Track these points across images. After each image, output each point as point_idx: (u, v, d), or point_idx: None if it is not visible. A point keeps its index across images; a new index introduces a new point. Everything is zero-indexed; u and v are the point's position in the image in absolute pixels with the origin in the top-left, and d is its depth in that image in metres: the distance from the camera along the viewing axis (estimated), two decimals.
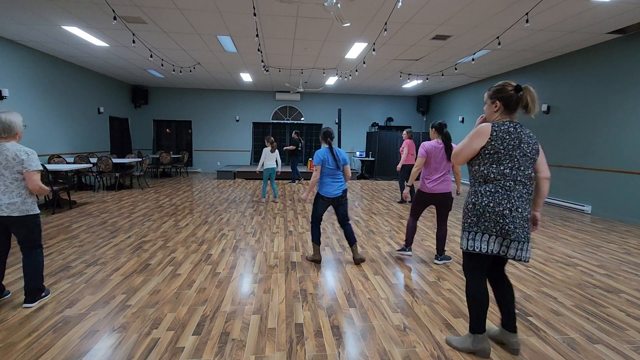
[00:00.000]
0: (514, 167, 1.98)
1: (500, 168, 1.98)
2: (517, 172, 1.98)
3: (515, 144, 1.97)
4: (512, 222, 1.95)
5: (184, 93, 13.07)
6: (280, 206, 6.91)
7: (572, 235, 5.07)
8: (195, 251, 4.07)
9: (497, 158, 1.98)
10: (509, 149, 1.96)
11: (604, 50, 6.44)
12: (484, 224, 2.01)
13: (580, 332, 2.46)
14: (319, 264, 3.72)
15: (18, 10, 5.43)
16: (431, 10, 5.14)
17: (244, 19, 5.62)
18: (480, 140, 2.00)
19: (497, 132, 1.97)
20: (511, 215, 1.95)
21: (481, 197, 2.02)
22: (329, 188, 3.58)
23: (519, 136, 1.98)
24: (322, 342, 2.28)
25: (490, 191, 2.00)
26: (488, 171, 2.01)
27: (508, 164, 1.98)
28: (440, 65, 8.51)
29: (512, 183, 1.98)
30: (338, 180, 3.63)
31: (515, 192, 1.97)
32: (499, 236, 1.98)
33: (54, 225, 5.09)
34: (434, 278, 3.41)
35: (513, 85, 2.01)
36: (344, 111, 13.41)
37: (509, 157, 1.97)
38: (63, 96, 8.68)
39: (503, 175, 1.98)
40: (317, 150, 3.60)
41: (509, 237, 1.96)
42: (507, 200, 1.96)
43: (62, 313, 2.58)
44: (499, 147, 1.96)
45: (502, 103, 2.04)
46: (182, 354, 2.12)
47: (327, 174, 3.59)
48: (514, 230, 1.95)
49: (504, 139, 1.96)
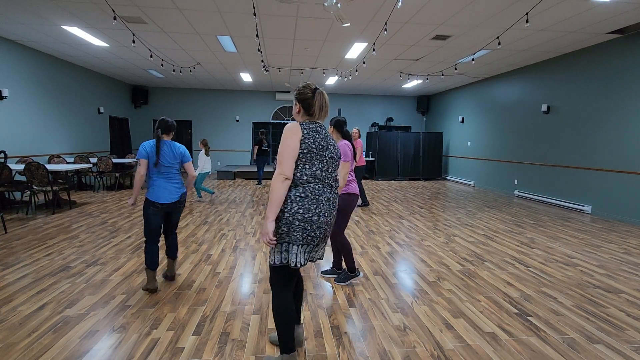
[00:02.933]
0: (323, 169, 1.87)
1: (312, 169, 1.85)
2: (326, 174, 1.88)
3: (323, 145, 1.87)
4: (318, 227, 1.83)
5: (184, 93, 13.07)
6: None
7: (572, 235, 5.08)
8: (195, 251, 4.07)
9: (310, 158, 1.85)
10: (319, 149, 1.86)
11: (604, 50, 6.44)
12: (292, 233, 1.81)
13: (580, 332, 2.46)
14: (318, 265, 3.72)
15: (18, 10, 5.43)
16: (431, 10, 5.14)
17: (244, 19, 5.62)
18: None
19: (308, 131, 1.85)
20: (319, 220, 1.83)
21: (290, 203, 1.82)
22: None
23: (325, 137, 1.90)
24: (322, 342, 2.28)
25: (300, 196, 1.82)
26: (301, 173, 1.85)
27: (319, 164, 1.86)
28: (440, 65, 8.51)
29: (321, 185, 1.86)
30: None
31: (324, 196, 1.86)
32: (304, 244, 1.83)
33: (54, 225, 5.09)
34: (434, 278, 3.41)
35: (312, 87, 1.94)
36: (344, 111, 13.41)
37: (319, 157, 1.86)
38: (63, 96, 8.68)
39: (314, 177, 1.85)
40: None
41: (312, 244, 1.85)
42: (316, 205, 1.83)
43: (62, 313, 2.58)
44: (312, 146, 1.84)
45: (301, 105, 1.95)
46: (182, 354, 2.12)
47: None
48: (318, 235, 1.85)
49: (315, 137, 1.86)
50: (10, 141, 7.00)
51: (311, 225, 1.81)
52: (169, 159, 2.93)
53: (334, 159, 1.92)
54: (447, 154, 12.46)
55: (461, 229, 5.37)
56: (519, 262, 3.89)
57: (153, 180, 2.93)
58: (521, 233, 5.16)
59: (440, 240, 4.70)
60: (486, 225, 5.63)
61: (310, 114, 1.94)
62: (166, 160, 2.92)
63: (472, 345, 2.27)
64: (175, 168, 3.00)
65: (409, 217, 6.08)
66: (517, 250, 4.35)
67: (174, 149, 2.98)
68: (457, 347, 2.25)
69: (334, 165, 1.94)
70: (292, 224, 1.79)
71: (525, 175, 8.45)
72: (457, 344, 2.29)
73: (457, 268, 3.68)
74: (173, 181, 2.98)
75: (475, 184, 10.59)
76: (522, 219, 6.09)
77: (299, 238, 1.81)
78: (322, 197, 1.85)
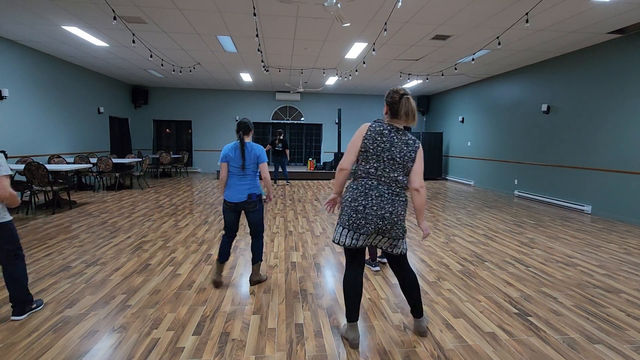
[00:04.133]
0: (379, 168, 2.09)
1: (366, 167, 2.12)
2: (382, 173, 2.10)
3: (385, 147, 2.08)
4: (363, 217, 2.07)
5: (184, 93, 13.07)
6: (280, 206, 6.91)
7: (572, 235, 5.08)
8: (195, 251, 4.07)
9: (365, 156, 2.11)
10: (377, 150, 2.08)
11: (604, 50, 6.44)
12: (342, 216, 2.16)
13: (580, 332, 2.46)
14: (319, 265, 3.72)
15: (18, 10, 5.43)
16: (431, 10, 5.14)
17: (244, 19, 5.62)
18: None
19: (371, 132, 2.10)
20: (364, 211, 2.07)
21: (345, 192, 2.22)
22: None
23: (391, 140, 2.09)
24: (322, 342, 2.28)
25: (352, 187, 2.16)
26: (358, 168, 2.17)
27: (374, 163, 2.10)
28: (440, 65, 8.51)
29: (374, 182, 2.10)
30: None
31: (375, 191, 2.09)
32: (351, 230, 2.11)
33: (54, 225, 5.09)
34: (434, 278, 3.41)
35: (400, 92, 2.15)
36: (344, 111, 13.41)
37: (376, 157, 2.09)
38: (63, 96, 8.68)
39: (368, 174, 2.12)
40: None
41: (358, 231, 2.09)
42: (363, 197, 2.09)
43: (62, 313, 2.58)
44: (369, 147, 2.08)
45: (388, 107, 2.17)
46: (182, 354, 2.12)
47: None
48: (364, 225, 2.07)
49: (374, 139, 2.08)
50: (10, 141, 7.00)
51: (357, 214, 2.07)
52: (247, 161, 2.99)
53: (394, 161, 2.08)
54: (447, 154, 12.46)
55: (461, 229, 5.37)
56: (519, 262, 3.89)
57: (228, 179, 3.06)
58: (521, 233, 5.16)
59: (440, 240, 4.70)
60: (486, 225, 5.63)
61: (395, 117, 2.14)
62: (247, 161, 2.99)
63: (472, 345, 2.28)
64: (251, 169, 3.02)
65: (409, 217, 6.08)
66: (517, 250, 4.35)
67: (253, 150, 3.01)
68: (457, 347, 2.25)
69: (394, 167, 2.09)
70: (343, 209, 2.16)
71: (525, 175, 8.45)
72: (457, 344, 2.29)
73: (457, 268, 3.68)
74: (245, 181, 3.02)
75: (475, 184, 10.59)
76: (522, 219, 6.09)
77: (346, 222, 2.12)
78: (372, 192, 2.08)
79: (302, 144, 14.11)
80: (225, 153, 2.99)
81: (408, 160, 2.09)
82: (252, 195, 3.02)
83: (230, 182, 3.04)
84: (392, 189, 2.09)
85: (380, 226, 2.08)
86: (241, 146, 2.95)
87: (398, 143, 2.08)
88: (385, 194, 2.08)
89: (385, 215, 2.07)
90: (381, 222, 2.07)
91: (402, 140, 2.09)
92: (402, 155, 2.07)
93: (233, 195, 3.00)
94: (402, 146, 2.08)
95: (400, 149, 2.07)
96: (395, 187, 2.10)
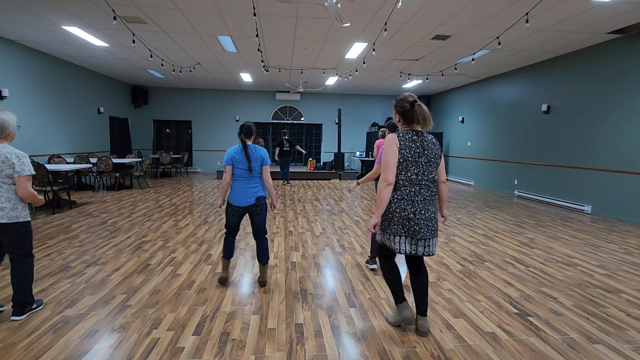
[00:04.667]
0: (419, 173, 2.18)
1: (407, 174, 2.18)
2: (422, 177, 2.19)
3: (419, 152, 2.18)
4: (416, 224, 2.16)
5: (184, 93, 13.07)
6: (280, 206, 6.91)
7: (572, 235, 5.08)
8: (195, 251, 4.07)
9: (405, 166, 2.18)
10: (415, 157, 2.18)
11: (604, 50, 6.44)
12: (393, 227, 2.21)
13: (580, 332, 2.46)
14: (319, 265, 3.72)
15: (18, 10, 5.43)
16: (431, 10, 5.14)
17: (244, 19, 5.62)
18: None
19: (403, 142, 2.18)
20: (415, 217, 2.16)
21: (390, 203, 2.22)
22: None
23: (422, 144, 2.20)
24: (322, 342, 2.28)
25: (397, 198, 2.19)
26: (398, 178, 2.21)
27: (414, 170, 2.18)
28: (440, 65, 8.51)
29: (417, 188, 2.19)
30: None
31: (420, 196, 2.18)
32: (408, 236, 2.19)
33: (54, 225, 5.09)
34: (434, 278, 3.41)
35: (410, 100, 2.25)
36: (343, 111, 13.41)
37: (414, 164, 2.18)
38: (63, 96, 8.68)
39: (410, 181, 2.18)
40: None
41: (415, 237, 2.17)
42: (411, 205, 2.16)
43: (62, 313, 2.58)
44: (407, 156, 2.17)
45: (401, 116, 2.29)
46: (182, 354, 2.12)
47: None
48: (419, 230, 2.16)
49: (409, 147, 2.18)
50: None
51: (409, 222, 2.16)
52: (252, 163, 2.97)
53: (430, 162, 2.20)
54: (447, 154, 12.46)
55: (461, 229, 5.37)
56: (519, 262, 3.89)
57: (233, 183, 3.01)
58: (521, 233, 5.16)
59: (440, 240, 4.70)
60: (486, 225, 5.63)
61: (408, 123, 2.25)
62: (252, 164, 2.97)
63: (472, 345, 2.28)
64: (256, 171, 3.00)
65: None
66: (517, 250, 4.35)
67: (256, 152, 2.99)
68: (457, 347, 2.25)
69: (431, 168, 2.21)
70: (392, 219, 2.20)
71: (525, 175, 8.45)
72: (457, 344, 2.29)
73: (457, 268, 3.68)
74: (251, 184, 2.99)
75: (475, 184, 10.59)
76: (522, 219, 6.09)
77: (401, 231, 2.18)
78: (417, 198, 2.17)
79: (302, 144, 14.11)
80: (231, 156, 2.96)
81: (438, 158, 2.24)
82: (261, 198, 3.03)
83: (235, 186, 3.00)
84: (431, 190, 2.23)
85: (430, 227, 2.20)
86: (244, 148, 2.94)
87: (428, 145, 2.21)
88: (427, 196, 2.20)
89: (432, 216, 2.21)
90: (430, 224, 2.20)
91: (428, 141, 2.23)
92: (434, 155, 2.21)
93: (240, 199, 2.98)
94: (431, 147, 2.22)
95: (431, 149, 2.21)
96: (433, 187, 2.24)
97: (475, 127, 10.62)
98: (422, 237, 2.17)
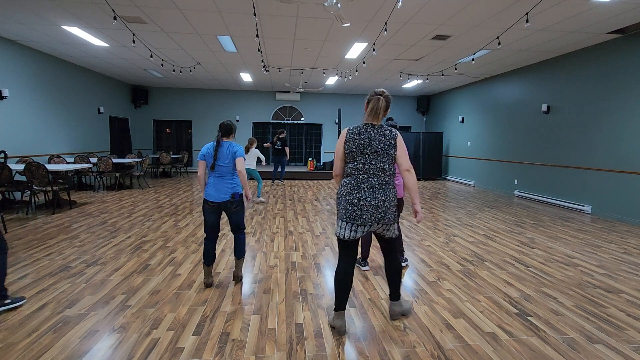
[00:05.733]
0: (366, 162, 2.29)
1: (354, 164, 2.32)
2: (369, 167, 2.29)
3: (365, 143, 2.28)
4: (359, 209, 2.25)
5: (184, 93, 13.07)
6: (281, 206, 6.91)
7: (572, 235, 5.07)
8: (195, 251, 4.07)
9: (352, 156, 2.32)
10: (359, 148, 2.29)
11: (604, 50, 6.43)
12: (339, 211, 2.33)
13: (580, 332, 2.46)
14: (319, 265, 3.72)
15: (18, 10, 5.43)
16: (431, 10, 5.14)
17: (244, 19, 5.62)
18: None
19: (349, 135, 2.33)
20: (359, 203, 2.25)
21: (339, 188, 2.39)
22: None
23: (369, 135, 2.30)
24: (322, 342, 2.28)
25: (345, 182, 2.35)
26: (348, 167, 2.36)
27: (360, 159, 2.30)
28: (440, 65, 8.51)
29: (365, 176, 2.29)
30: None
31: (367, 184, 2.27)
32: (349, 222, 2.27)
33: (54, 225, 5.09)
34: (434, 278, 3.41)
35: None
36: (344, 111, 13.40)
37: (360, 154, 2.29)
38: (63, 96, 8.68)
39: (357, 170, 2.30)
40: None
41: (355, 223, 2.26)
42: (357, 190, 2.27)
43: (62, 313, 2.58)
44: (352, 147, 2.30)
45: (366, 106, 2.42)
46: (182, 354, 2.12)
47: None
48: (360, 216, 2.25)
49: (354, 139, 2.30)
50: (10, 141, 7.00)
51: (352, 206, 2.26)
52: (223, 159, 3.00)
53: (377, 152, 2.29)
54: (447, 154, 12.46)
55: (461, 229, 5.37)
56: (519, 262, 3.89)
57: (208, 179, 3.05)
58: (521, 233, 5.16)
59: (440, 240, 4.70)
60: (486, 225, 5.63)
61: (368, 113, 2.38)
62: (221, 161, 3.00)
63: (472, 345, 2.28)
64: (230, 167, 3.02)
65: (409, 217, 6.08)
66: (517, 250, 4.35)
67: (230, 148, 3.03)
68: (457, 347, 2.25)
69: (379, 158, 2.29)
70: (340, 203, 2.33)
71: (525, 175, 8.44)
72: (457, 344, 2.29)
73: (457, 268, 3.68)
74: (225, 180, 3.02)
75: (475, 184, 10.59)
76: (522, 219, 6.09)
77: (343, 215, 2.29)
78: (364, 184, 2.27)
79: (302, 144, 14.11)
80: (204, 152, 3.04)
81: (389, 148, 2.30)
82: (236, 195, 3.03)
83: (210, 181, 3.04)
84: (382, 178, 2.30)
85: (375, 214, 2.26)
86: (216, 146, 2.99)
87: (376, 136, 2.30)
88: (376, 184, 2.28)
89: (379, 204, 2.27)
90: (376, 211, 2.26)
91: (378, 132, 2.31)
92: (382, 146, 2.29)
93: (215, 194, 2.99)
94: (380, 138, 2.30)
95: (379, 140, 2.29)
96: (384, 176, 2.31)
97: (476, 127, 10.62)
98: (363, 223, 2.25)
